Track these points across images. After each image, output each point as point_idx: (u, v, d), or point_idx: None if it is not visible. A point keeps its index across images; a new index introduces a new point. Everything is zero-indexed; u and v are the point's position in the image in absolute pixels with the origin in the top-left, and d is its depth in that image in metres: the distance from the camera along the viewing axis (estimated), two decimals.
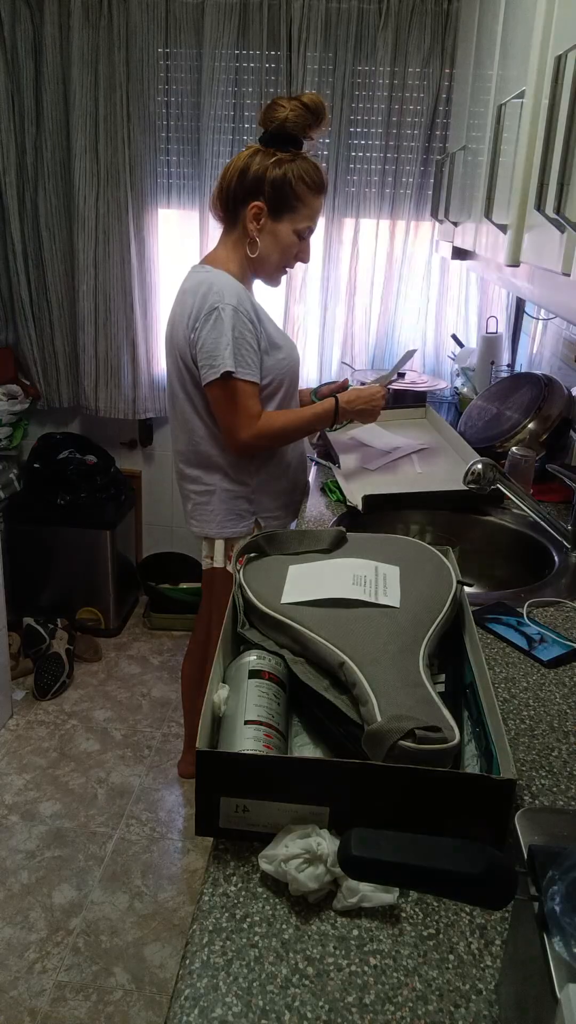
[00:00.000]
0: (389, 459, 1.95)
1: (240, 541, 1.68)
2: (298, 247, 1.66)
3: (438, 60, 2.53)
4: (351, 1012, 0.70)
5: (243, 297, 1.60)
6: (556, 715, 1.12)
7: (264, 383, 1.66)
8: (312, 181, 1.60)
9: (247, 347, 1.59)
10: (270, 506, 1.77)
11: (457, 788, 0.82)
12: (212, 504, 1.76)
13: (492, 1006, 0.71)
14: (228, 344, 1.56)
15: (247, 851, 0.86)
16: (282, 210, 1.61)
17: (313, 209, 1.63)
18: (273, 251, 1.65)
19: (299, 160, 1.60)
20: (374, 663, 0.97)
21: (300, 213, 1.62)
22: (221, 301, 1.57)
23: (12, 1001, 1.67)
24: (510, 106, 1.34)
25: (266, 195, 1.60)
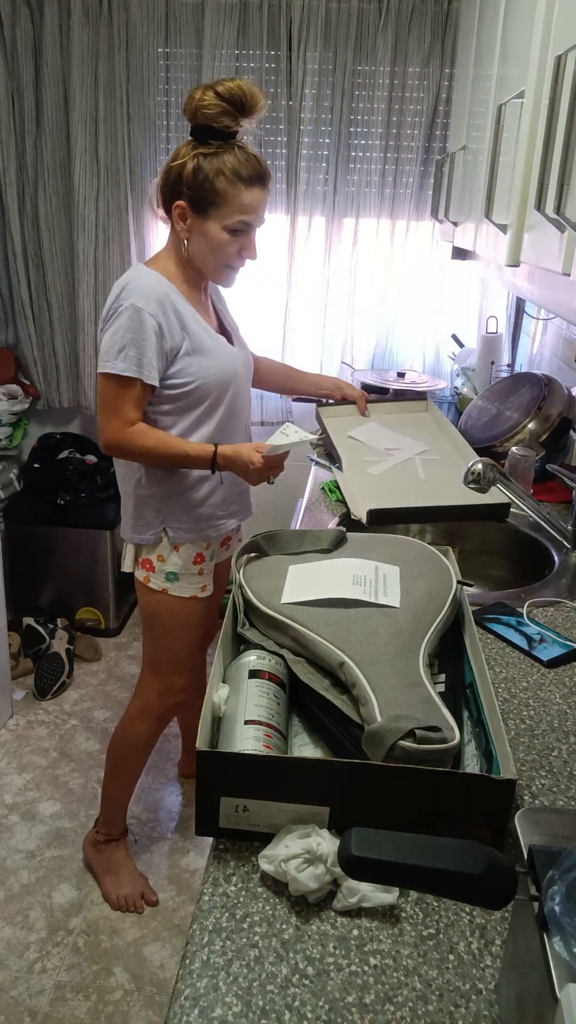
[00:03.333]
0: (391, 462, 1.93)
1: (148, 550, 1.68)
2: (236, 244, 1.52)
3: (438, 60, 2.53)
4: (351, 1012, 0.70)
5: (156, 297, 1.49)
6: (556, 715, 1.12)
7: (183, 387, 1.55)
8: (235, 173, 1.45)
9: (145, 348, 1.47)
10: (181, 518, 1.65)
11: (457, 788, 0.82)
12: (127, 506, 1.69)
13: (492, 1006, 0.71)
14: (119, 343, 1.48)
15: (247, 851, 0.86)
16: (205, 207, 1.48)
17: (242, 203, 1.47)
18: (205, 251, 1.53)
19: (224, 153, 1.45)
20: (374, 663, 0.97)
21: (225, 209, 1.47)
22: (126, 300, 1.48)
23: (12, 1001, 1.67)
24: (510, 106, 1.34)
25: (186, 193, 1.48)
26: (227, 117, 1.44)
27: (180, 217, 1.51)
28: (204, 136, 1.47)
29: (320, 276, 2.80)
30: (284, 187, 2.68)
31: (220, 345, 1.60)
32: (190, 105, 1.45)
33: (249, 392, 1.77)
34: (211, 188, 1.46)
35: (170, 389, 1.55)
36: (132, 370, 1.48)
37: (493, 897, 0.59)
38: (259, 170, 1.48)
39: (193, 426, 1.60)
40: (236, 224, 1.49)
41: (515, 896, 0.59)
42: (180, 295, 1.54)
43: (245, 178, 1.46)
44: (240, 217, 1.48)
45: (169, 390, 1.55)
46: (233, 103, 1.44)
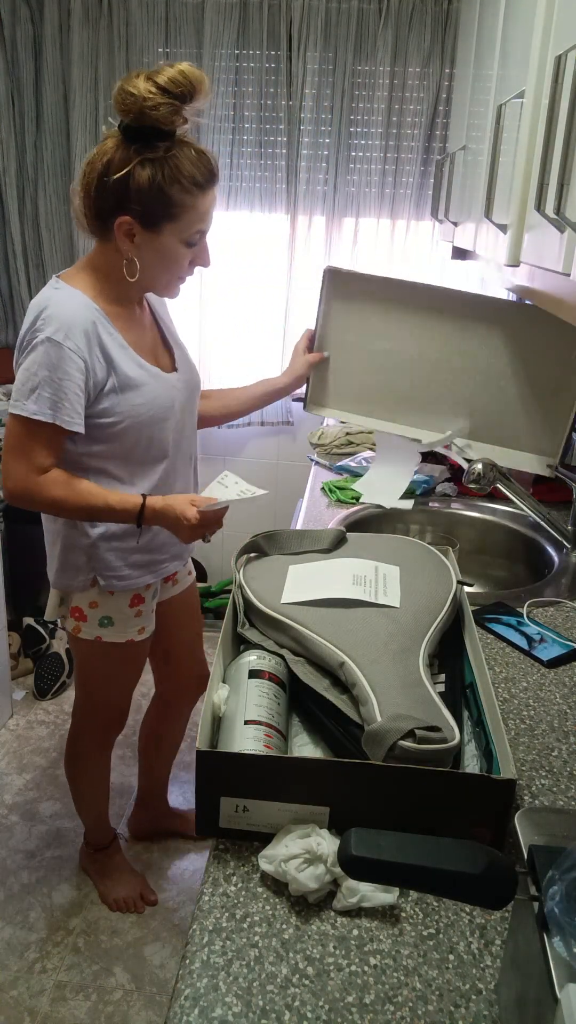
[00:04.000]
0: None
1: (77, 597, 1.50)
2: (191, 255, 1.33)
3: (438, 60, 2.53)
4: (351, 1012, 0.70)
5: (80, 327, 1.27)
6: (556, 715, 1.12)
7: (110, 427, 1.35)
8: (192, 179, 1.24)
9: (63, 388, 1.26)
10: (115, 564, 1.46)
11: (457, 788, 0.82)
12: (53, 545, 1.50)
13: (492, 1006, 0.71)
14: (32, 381, 1.26)
15: (247, 851, 0.86)
16: (158, 221, 1.27)
17: (200, 211, 1.28)
18: (158, 268, 1.32)
19: (175, 155, 1.23)
20: (374, 663, 0.97)
21: (183, 220, 1.27)
22: (43, 331, 1.26)
23: (12, 1001, 1.67)
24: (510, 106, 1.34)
25: (134, 207, 1.25)
26: (170, 109, 1.20)
27: (126, 235, 1.28)
28: (147, 137, 1.22)
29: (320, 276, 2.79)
30: (284, 187, 2.69)
31: (154, 377, 1.38)
32: (131, 102, 1.18)
33: (193, 416, 1.55)
34: (166, 199, 1.24)
35: (96, 428, 1.34)
36: (45, 414, 1.27)
37: (493, 897, 0.59)
38: (211, 168, 1.27)
39: (126, 466, 1.41)
40: (194, 236, 1.31)
41: (515, 896, 0.59)
42: (106, 320, 1.33)
43: (202, 183, 1.26)
44: (199, 227, 1.30)
45: (94, 430, 1.34)
46: (180, 97, 1.20)
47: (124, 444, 1.38)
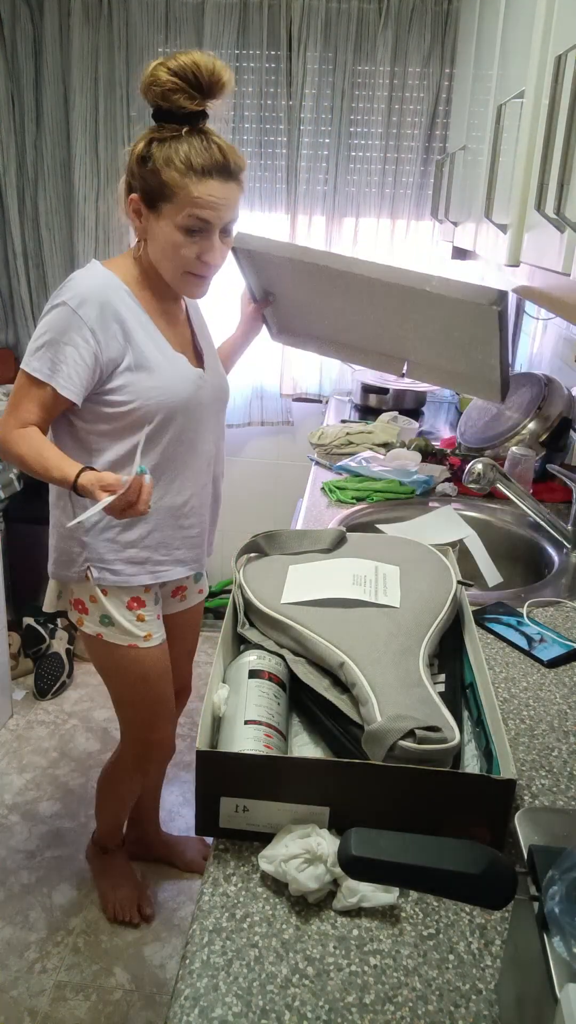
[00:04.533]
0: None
1: (78, 588, 1.47)
2: (193, 246, 1.30)
3: (438, 60, 2.53)
4: (351, 1012, 0.70)
5: (96, 299, 1.29)
6: (556, 715, 1.12)
7: (118, 407, 1.34)
8: (186, 163, 1.24)
9: (63, 353, 1.28)
10: (108, 557, 1.43)
11: (457, 788, 0.82)
12: (53, 535, 1.49)
13: (492, 1006, 0.71)
14: (41, 340, 1.30)
15: (247, 851, 0.86)
16: (156, 201, 1.28)
17: (192, 196, 1.25)
18: (159, 253, 1.32)
19: (180, 139, 1.26)
20: (374, 663, 0.97)
21: (176, 203, 1.26)
22: (63, 295, 1.30)
23: (12, 1001, 1.67)
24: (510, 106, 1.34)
25: (137, 184, 1.30)
26: (181, 96, 1.24)
27: (135, 213, 1.33)
28: (162, 118, 1.28)
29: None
30: (284, 187, 2.69)
31: (174, 364, 1.38)
32: (147, 83, 1.25)
33: (218, 425, 1.52)
34: (159, 179, 1.26)
35: (105, 407, 1.34)
36: (44, 373, 1.29)
37: (493, 897, 0.59)
38: (218, 160, 1.26)
39: (129, 455, 1.36)
40: (189, 221, 1.27)
41: (515, 896, 0.59)
42: (135, 301, 1.35)
43: (198, 168, 1.24)
44: (192, 211, 1.26)
45: (104, 407, 1.34)
46: (187, 80, 1.23)
47: (127, 431, 1.36)
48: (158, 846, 2.01)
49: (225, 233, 1.32)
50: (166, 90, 1.23)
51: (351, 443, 2.21)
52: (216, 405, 1.49)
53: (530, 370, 2.40)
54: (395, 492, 1.89)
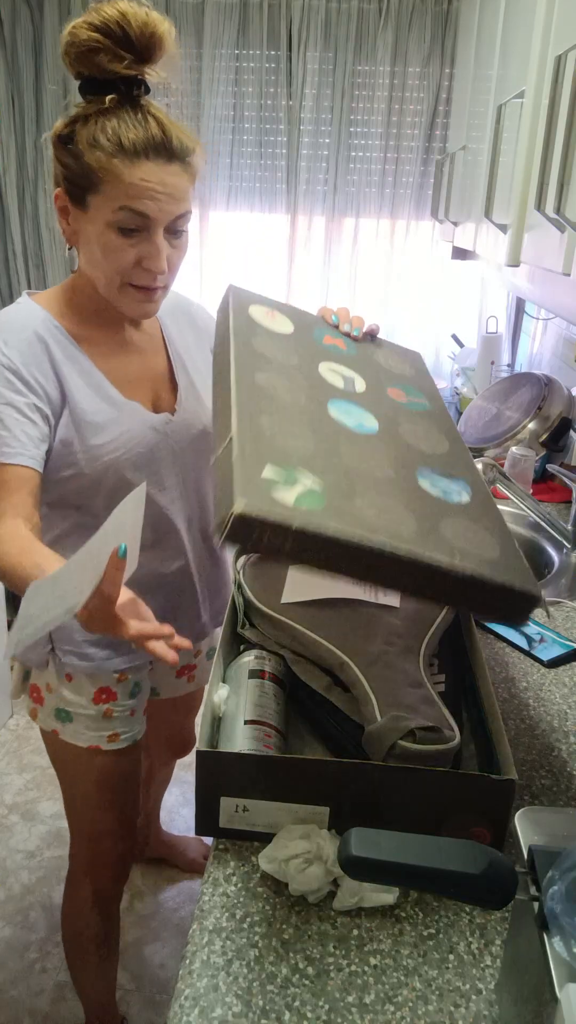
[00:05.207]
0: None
1: (36, 673, 1.20)
2: (127, 250, 1.00)
3: (438, 60, 2.53)
4: (351, 1012, 0.70)
5: (20, 336, 1.02)
6: (556, 715, 1.12)
7: (56, 472, 1.05)
8: (116, 140, 0.95)
9: (2, 410, 0.98)
10: (76, 638, 1.15)
11: (457, 788, 0.82)
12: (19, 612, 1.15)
13: (492, 1006, 0.71)
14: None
15: (247, 851, 0.86)
16: (83, 194, 0.99)
17: (125, 183, 0.96)
18: (91, 263, 1.04)
19: (109, 113, 0.97)
20: (374, 663, 0.97)
21: (105, 194, 0.97)
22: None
23: (12, 1001, 1.67)
24: (510, 106, 1.34)
25: (61, 175, 1.02)
26: (105, 56, 0.95)
27: (61, 212, 1.04)
28: (88, 91, 1.00)
29: (320, 276, 2.80)
30: (284, 187, 2.69)
31: (124, 412, 1.08)
32: (62, 44, 0.98)
33: (201, 477, 1.20)
34: (84, 165, 0.97)
35: (50, 471, 1.04)
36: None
37: (493, 897, 0.59)
38: (155, 136, 0.97)
39: (75, 532, 1.11)
40: (122, 216, 0.97)
41: (515, 896, 0.59)
42: (69, 341, 1.06)
43: (129, 148, 0.95)
44: (125, 204, 0.97)
45: (49, 472, 1.04)
46: (111, 36, 0.94)
47: (71, 507, 1.10)
48: (158, 846, 1.98)
49: (173, 233, 1.02)
50: (86, 51, 0.95)
51: None
52: (193, 449, 1.17)
53: (530, 370, 2.40)
54: None
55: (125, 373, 1.11)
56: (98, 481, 1.07)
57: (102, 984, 1.49)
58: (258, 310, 1.14)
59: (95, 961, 1.44)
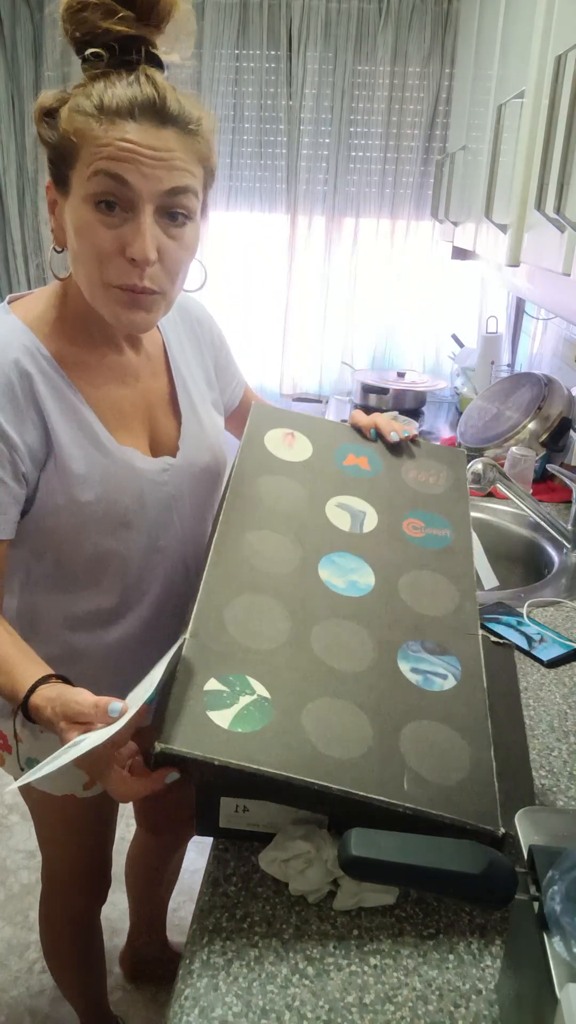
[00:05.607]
0: None
1: (4, 723, 1.06)
2: (106, 231, 0.81)
3: (438, 60, 2.53)
4: (351, 1012, 0.70)
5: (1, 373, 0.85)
6: (556, 715, 1.12)
7: (36, 531, 0.91)
8: (99, 101, 0.80)
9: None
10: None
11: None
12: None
13: (492, 1006, 0.70)
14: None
15: (247, 851, 0.86)
16: (64, 172, 0.83)
17: (101, 142, 0.79)
18: (75, 257, 0.85)
19: (100, 76, 0.83)
20: None
21: (82, 159, 0.80)
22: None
23: (12, 1001, 1.67)
24: (510, 106, 1.34)
25: (49, 156, 0.85)
26: (98, 13, 0.81)
27: (51, 208, 0.88)
28: (86, 60, 0.85)
29: (320, 276, 2.80)
30: (284, 187, 2.69)
31: (114, 461, 0.92)
32: (60, 8, 0.83)
33: (203, 508, 1.05)
34: (63, 135, 0.82)
35: (28, 523, 0.91)
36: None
37: (493, 897, 0.59)
38: (148, 96, 0.81)
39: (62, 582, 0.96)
40: (97, 184, 0.80)
41: (515, 896, 0.59)
42: (54, 368, 0.89)
43: (110, 106, 0.80)
44: (99, 167, 0.79)
45: (27, 523, 0.91)
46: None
47: (63, 549, 0.93)
48: (170, 963, 1.66)
49: (170, 216, 0.83)
50: (78, 10, 0.81)
51: None
52: (196, 492, 1.03)
53: (530, 370, 2.40)
54: None
55: (119, 407, 0.95)
56: (79, 543, 0.92)
57: (91, 992, 1.46)
58: (275, 435, 1.08)
59: (78, 974, 1.42)
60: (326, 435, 1.11)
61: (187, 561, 1.04)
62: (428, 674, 0.85)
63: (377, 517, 1.02)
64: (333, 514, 1.00)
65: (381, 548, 0.98)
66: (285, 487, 1.01)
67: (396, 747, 0.77)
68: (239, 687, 0.78)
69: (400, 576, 0.95)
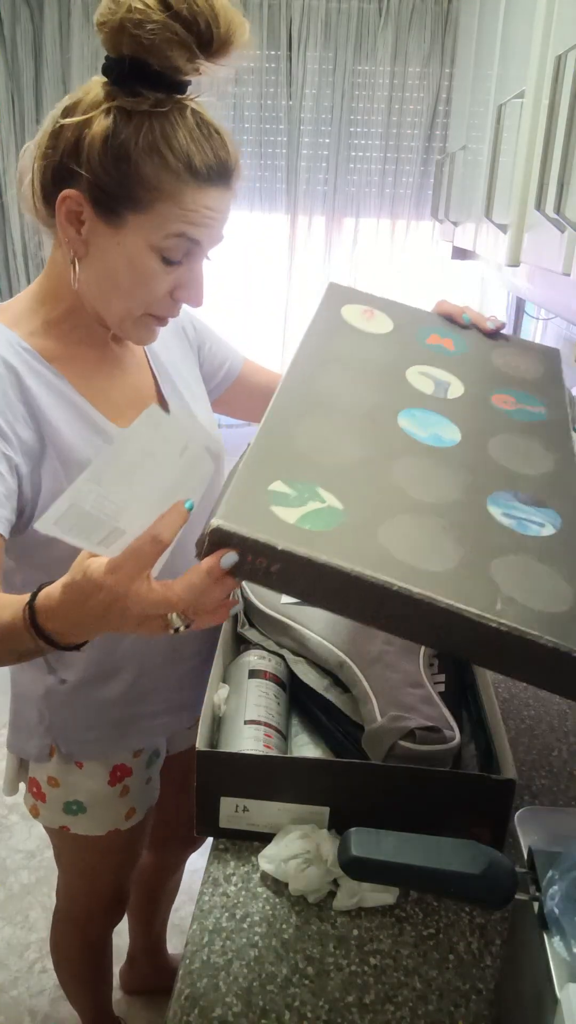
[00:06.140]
0: None
1: (35, 766, 1.05)
2: (166, 277, 0.85)
3: (438, 60, 2.53)
4: (351, 1012, 0.70)
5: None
6: (556, 715, 1.12)
7: (31, 536, 0.86)
8: (185, 157, 0.80)
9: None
10: (76, 725, 1.02)
11: (457, 788, 0.82)
12: (7, 695, 1.06)
13: (492, 1006, 0.71)
14: None
15: (247, 851, 0.86)
16: (120, 206, 0.81)
17: (187, 207, 0.82)
18: (112, 283, 0.85)
19: (166, 116, 0.80)
20: (374, 663, 0.97)
21: (159, 212, 0.81)
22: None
23: (12, 1001, 1.67)
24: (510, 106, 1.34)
25: (86, 177, 0.81)
26: (179, 51, 0.77)
27: (69, 218, 0.84)
28: (132, 79, 0.79)
29: (320, 276, 2.80)
30: (284, 187, 2.69)
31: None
32: (111, 15, 0.75)
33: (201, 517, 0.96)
34: (136, 174, 0.80)
35: (19, 532, 0.87)
36: None
37: (493, 897, 0.59)
38: (224, 160, 0.83)
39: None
40: (174, 243, 0.83)
41: (515, 896, 0.59)
42: (42, 363, 0.88)
43: (201, 169, 0.81)
44: (183, 231, 0.82)
45: (17, 533, 0.87)
46: (193, 28, 0.76)
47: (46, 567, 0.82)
48: (168, 976, 1.63)
49: (205, 258, 0.89)
50: (158, 39, 0.75)
51: None
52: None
53: None
54: None
55: (110, 396, 0.94)
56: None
57: (98, 998, 1.46)
58: (353, 309, 1.01)
59: (88, 986, 1.42)
60: (409, 315, 1.02)
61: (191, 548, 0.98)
62: (523, 520, 0.74)
63: (463, 387, 0.91)
64: (415, 379, 0.90)
65: (467, 412, 0.86)
66: (363, 350, 0.92)
67: (486, 572, 0.65)
68: (308, 494, 0.68)
69: (490, 438, 0.84)
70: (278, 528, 0.62)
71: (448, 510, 0.71)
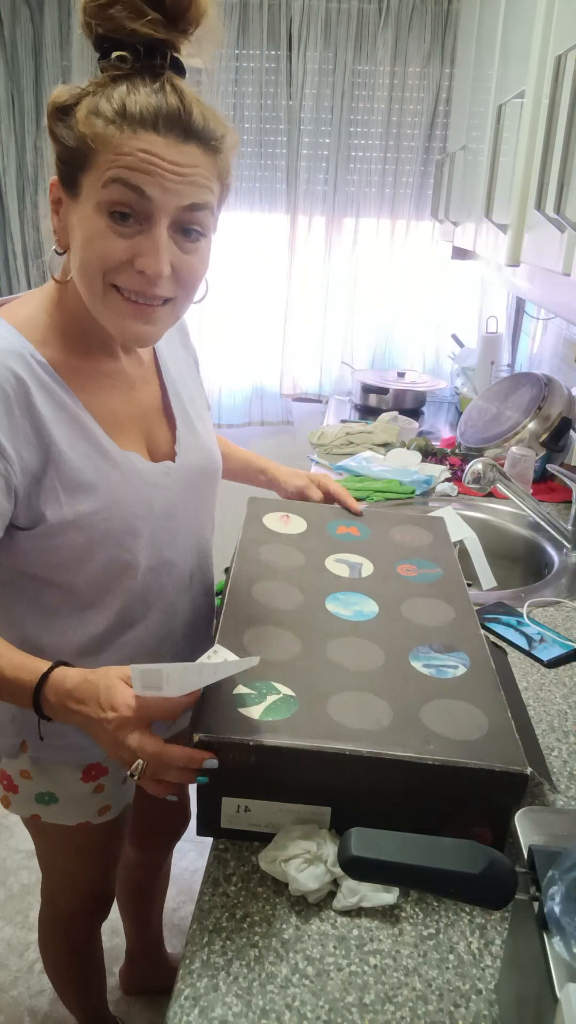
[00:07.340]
0: None
1: (10, 763, 1.05)
2: (117, 240, 0.80)
3: (438, 60, 2.53)
4: (351, 1012, 0.70)
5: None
6: (556, 715, 1.12)
7: (39, 551, 0.89)
8: (120, 107, 0.77)
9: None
10: (50, 742, 1.00)
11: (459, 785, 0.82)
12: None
13: (492, 1006, 0.71)
14: None
15: (247, 851, 0.86)
16: (75, 174, 0.81)
17: (127, 153, 0.77)
18: (77, 261, 0.83)
19: (123, 79, 0.79)
20: None
21: (98, 167, 0.78)
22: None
23: (12, 1001, 1.67)
24: (510, 106, 1.34)
25: (55, 156, 0.82)
26: (125, 12, 0.77)
27: (54, 206, 0.85)
28: (106, 57, 0.81)
29: (320, 276, 2.80)
30: (284, 187, 2.69)
31: (119, 469, 0.90)
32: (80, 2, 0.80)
33: (202, 511, 1.05)
34: (77, 137, 0.79)
35: (29, 541, 0.88)
36: None
37: (493, 897, 0.59)
38: (173, 108, 0.78)
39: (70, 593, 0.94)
40: (113, 192, 0.78)
41: (515, 896, 0.59)
42: (51, 376, 0.86)
43: (134, 114, 0.77)
44: (117, 175, 0.77)
45: (27, 541, 0.88)
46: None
47: (69, 567, 0.91)
48: (168, 975, 1.66)
49: (184, 232, 0.83)
50: (104, 5, 0.78)
51: (351, 443, 2.21)
52: (196, 494, 1.02)
53: (530, 370, 2.40)
54: (395, 492, 1.89)
55: (115, 413, 0.93)
56: (87, 557, 0.90)
57: (91, 998, 1.45)
58: (272, 517, 1.25)
59: (79, 986, 1.42)
60: (316, 513, 1.27)
61: (192, 572, 1.06)
62: (440, 667, 0.93)
63: (373, 566, 1.14)
64: (332, 567, 1.13)
65: (380, 586, 1.09)
66: (286, 552, 1.15)
67: (418, 719, 0.84)
68: (265, 690, 0.86)
69: (401, 603, 1.06)
70: (247, 725, 0.81)
71: (380, 673, 0.91)
